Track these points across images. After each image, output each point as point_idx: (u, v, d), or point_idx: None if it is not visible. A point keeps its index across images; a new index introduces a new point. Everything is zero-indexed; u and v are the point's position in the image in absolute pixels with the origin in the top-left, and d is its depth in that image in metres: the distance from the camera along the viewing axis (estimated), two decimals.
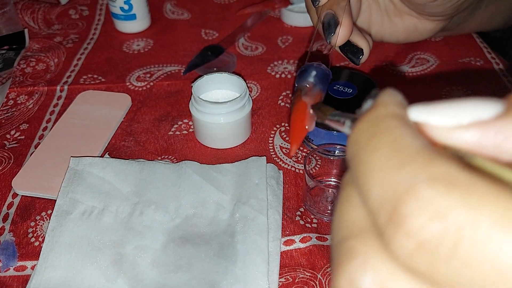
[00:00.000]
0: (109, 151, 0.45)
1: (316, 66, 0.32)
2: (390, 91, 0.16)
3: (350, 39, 0.37)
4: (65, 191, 0.39)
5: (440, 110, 0.15)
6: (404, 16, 0.43)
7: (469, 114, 0.14)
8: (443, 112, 0.15)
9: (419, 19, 0.43)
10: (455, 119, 0.15)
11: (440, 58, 0.56)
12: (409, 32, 0.45)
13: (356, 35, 0.37)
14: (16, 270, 0.36)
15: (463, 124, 0.14)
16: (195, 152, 0.45)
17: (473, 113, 0.14)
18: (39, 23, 0.65)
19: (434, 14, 0.42)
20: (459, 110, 0.15)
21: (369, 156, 0.14)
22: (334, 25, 0.35)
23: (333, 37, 0.35)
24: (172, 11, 0.68)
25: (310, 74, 0.32)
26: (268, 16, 0.65)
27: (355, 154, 0.15)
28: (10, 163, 0.44)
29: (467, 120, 0.14)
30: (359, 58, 0.37)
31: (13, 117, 0.50)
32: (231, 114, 0.43)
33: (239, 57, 0.58)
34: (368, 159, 0.14)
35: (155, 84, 0.54)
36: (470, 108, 0.15)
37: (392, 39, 0.46)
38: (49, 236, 0.36)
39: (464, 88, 0.52)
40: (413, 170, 0.13)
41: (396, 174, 0.13)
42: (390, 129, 0.14)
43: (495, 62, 0.56)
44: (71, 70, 0.56)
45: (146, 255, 0.35)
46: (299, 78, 0.32)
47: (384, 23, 0.44)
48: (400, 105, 0.16)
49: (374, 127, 0.15)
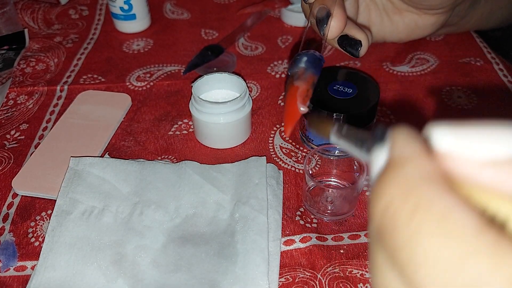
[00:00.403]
0: (109, 151, 0.45)
1: (305, 53, 0.33)
2: (402, 132, 0.14)
3: (347, 33, 0.37)
4: (65, 191, 0.39)
5: (470, 137, 0.13)
6: (403, 13, 0.43)
7: (505, 145, 0.12)
8: (474, 140, 0.13)
9: (419, 15, 0.43)
10: (489, 151, 0.12)
11: (440, 58, 0.56)
12: (410, 29, 0.45)
13: (352, 28, 0.37)
14: (16, 270, 0.36)
15: (499, 159, 0.12)
16: (195, 152, 0.45)
17: (510, 144, 0.12)
18: (39, 23, 0.65)
19: (432, 7, 0.42)
20: (493, 138, 0.13)
21: (417, 240, 0.12)
22: (326, 17, 0.35)
23: (326, 28, 0.35)
24: (172, 11, 0.68)
25: (301, 60, 0.32)
26: (268, 16, 0.65)
27: (393, 229, 0.13)
28: (10, 163, 0.44)
29: (503, 154, 0.12)
30: (358, 50, 0.37)
31: (13, 117, 0.50)
32: (231, 114, 0.43)
33: (239, 57, 0.58)
34: (417, 244, 0.12)
35: (155, 84, 0.54)
36: (507, 137, 0.12)
37: (393, 38, 0.46)
38: (49, 236, 0.36)
39: (464, 88, 0.52)
40: (479, 268, 0.11)
41: (459, 274, 0.12)
42: (432, 201, 0.12)
43: (495, 62, 0.56)
44: (71, 70, 0.56)
45: (146, 255, 0.35)
46: (290, 66, 0.33)
47: (384, 22, 0.44)
48: (422, 150, 0.14)
49: (411, 196, 0.13)
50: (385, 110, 0.49)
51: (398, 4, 0.43)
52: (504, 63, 0.56)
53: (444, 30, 0.55)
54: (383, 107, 0.50)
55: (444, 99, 0.51)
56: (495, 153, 0.12)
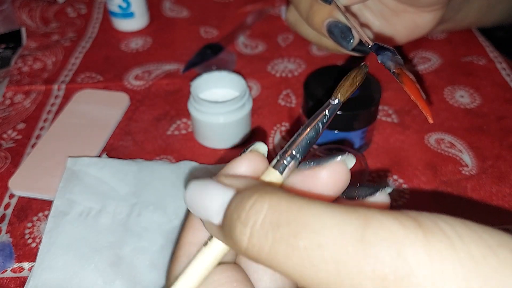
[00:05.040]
0: (107, 151, 0.45)
1: (386, 48, 0.31)
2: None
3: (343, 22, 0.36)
4: (62, 191, 0.39)
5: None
6: (400, 14, 0.43)
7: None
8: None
9: (417, 14, 0.43)
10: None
11: (443, 57, 0.56)
12: (409, 29, 0.44)
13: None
14: (13, 271, 0.35)
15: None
16: (194, 152, 0.45)
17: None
18: (36, 21, 0.65)
19: (429, 3, 0.41)
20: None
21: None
22: (348, 30, 0.35)
23: (354, 42, 0.35)
24: (171, 9, 0.68)
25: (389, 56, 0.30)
26: (268, 14, 0.65)
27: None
28: (7, 163, 0.44)
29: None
30: (350, 42, 0.36)
31: (10, 117, 0.49)
32: (230, 114, 0.43)
33: (239, 55, 0.57)
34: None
35: (154, 83, 0.53)
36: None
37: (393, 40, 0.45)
38: (46, 237, 0.36)
39: (467, 87, 0.52)
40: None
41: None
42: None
43: (498, 61, 0.55)
44: (68, 69, 0.56)
45: (144, 256, 0.35)
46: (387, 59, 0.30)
47: (382, 26, 0.44)
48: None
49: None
50: (387, 110, 0.49)
51: (394, 6, 0.42)
52: (507, 62, 0.55)
53: (442, 26, 0.55)
54: (385, 106, 0.49)
55: (446, 98, 0.50)
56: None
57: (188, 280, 0.20)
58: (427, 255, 0.15)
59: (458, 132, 0.46)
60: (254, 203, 0.18)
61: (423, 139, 0.45)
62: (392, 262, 0.15)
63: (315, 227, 0.16)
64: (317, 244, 0.16)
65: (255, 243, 0.17)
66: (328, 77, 0.43)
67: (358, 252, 0.15)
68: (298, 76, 0.54)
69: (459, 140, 0.45)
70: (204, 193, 0.20)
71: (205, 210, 0.19)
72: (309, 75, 0.43)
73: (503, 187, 0.40)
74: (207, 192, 0.19)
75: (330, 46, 0.40)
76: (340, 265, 0.16)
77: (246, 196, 0.18)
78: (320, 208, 0.17)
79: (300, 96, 0.51)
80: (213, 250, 0.20)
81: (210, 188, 0.19)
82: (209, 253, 0.20)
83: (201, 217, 0.20)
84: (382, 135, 0.46)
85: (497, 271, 0.14)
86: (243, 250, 0.18)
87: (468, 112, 0.49)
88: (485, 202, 0.39)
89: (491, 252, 0.15)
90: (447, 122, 0.47)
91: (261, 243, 0.17)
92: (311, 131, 0.22)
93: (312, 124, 0.22)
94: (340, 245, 0.16)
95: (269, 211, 0.17)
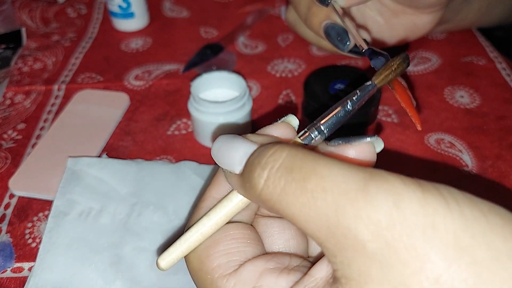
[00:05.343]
0: (107, 151, 0.45)
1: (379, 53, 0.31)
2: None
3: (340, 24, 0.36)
4: (62, 191, 0.39)
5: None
6: (399, 15, 0.43)
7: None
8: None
9: (416, 15, 0.43)
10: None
11: (443, 57, 0.56)
12: (409, 30, 0.44)
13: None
14: (13, 271, 0.35)
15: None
16: (194, 152, 0.45)
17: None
18: (37, 21, 0.65)
19: (428, 4, 0.41)
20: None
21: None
22: (344, 33, 0.35)
23: (350, 44, 0.35)
24: (171, 9, 0.68)
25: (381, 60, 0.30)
26: (268, 14, 0.65)
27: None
28: (7, 163, 0.44)
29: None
30: (346, 44, 0.36)
31: (10, 117, 0.49)
32: (230, 114, 0.43)
33: (238, 55, 0.57)
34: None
35: (154, 83, 0.53)
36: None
37: (393, 41, 0.45)
38: (46, 237, 0.36)
39: (467, 88, 0.52)
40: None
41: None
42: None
43: (498, 61, 0.55)
44: (68, 69, 0.56)
45: (145, 257, 0.35)
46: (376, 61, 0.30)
47: (381, 27, 0.44)
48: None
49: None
50: (387, 110, 0.49)
51: (394, 6, 0.42)
52: (507, 62, 0.55)
53: (441, 27, 0.55)
54: (384, 106, 0.49)
55: (446, 98, 0.50)
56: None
57: (204, 225, 0.22)
58: (421, 207, 0.16)
59: (458, 132, 0.46)
60: (274, 152, 0.19)
61: (423, 139, 0.45)
62: (387, 210, 0.16)
63: (323, 173, 0.18)
64: (322, 187, 0.17)
65: (270, 184, 0.19)
66: (328, 77, 0.43)
67: (357, 198, 0.17)
68: (298, 76, 0.54)
69: (459, 140, 0.45)
70: (230, 145, 0.21)
71: (229, 159, 0.21)
72: (309, 75, 0.43)
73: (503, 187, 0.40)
74: (233, 144, 0.21)
75: (328, 47, 0.40)
76: (339, 208, 0.17)
77: (268, 146, 0.20)
78: (331, 160, 0.18)
79: (300, 96, 0.51)
80: (231, 201, 0.22)
81: (236, 141, 0.21)
82: (226, 203, 0.22)
83: (224, 167, 0.21)
84: (382, 135, 0.46)
85: (485, 231, 0.15)
86: (258, 192, 0.19)
87: (468, 112, 0.49)
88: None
89: (482, 215, 0.16)
90: (447, 122, 0.47)
91: (275, 185, 0.19)
92: (341, 109, 0.22)
93: (343, 103, 0.23)
94: (343, 190, 0.17)
95: (286, 158, 0.19)
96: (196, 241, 0.22)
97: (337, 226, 0.17)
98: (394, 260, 0.16)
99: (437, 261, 0.15)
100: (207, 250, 0.22)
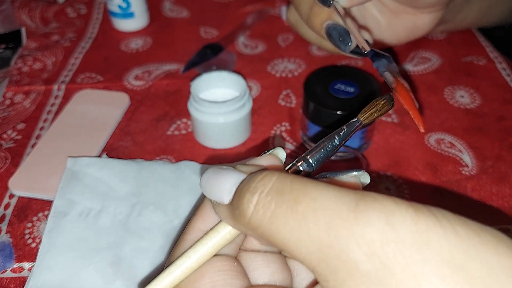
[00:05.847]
0: (107, 151, 0.45)
1: (382, 55, 0.31)
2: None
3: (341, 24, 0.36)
4: (62, 191, 0.39)
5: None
6: (400, 15, 0.43)
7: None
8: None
9: (416, 15, 0.43)
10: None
11: (443, 57, 0.56)
12: (409, 30, 0.44)
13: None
14: (13, 271, 0.35)
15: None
16: (194, 152, 0.45)
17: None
18: (36, 21, 0.65)
19: (429, 4, 0.41)
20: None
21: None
22: (346, 34, 0.35)
23: (352, 45, 0.35)
24: (171, 9, 0.68)
25: (384, 63, 0.31)
26: (268, 14, 0.65)
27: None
28: (7, 163, 0.44)
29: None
30: (348, 44, 0.36)
31: (10, 117, 0.49)
32: (230, 114, 0.43)
33: (239, 55, 0.57)
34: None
35: (154, 83, 0.53)
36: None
37: (393, 41, 0.45)
38: (46, 237, 0.36)
39: (467, 88, 0.52)
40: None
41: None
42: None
43: (498, 61, 0.55)
44: (68, 69, 0.56)
45: (144, 256, 0.35)
46: (379, 64, 0.31)
47: (382, 27, 0.44)
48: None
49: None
50: None
51: (394, 6, 0.42)
52: (507, 62, 0.55)
53: (441, 27, 0.55)
54: None
55: (446, 98, 0.50)
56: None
57: (190, 258, 0.21)
58: (414, 225, 0.16)
59: (458, 132, 0.46)
60: (264, 177, 0.19)
61: (423, 139, 0.45)
62: (380, 228, 0.16)
63: (314, 195, 0.18)
64: (313, 208, 0.17)
65: (259, 209, 0.19)
66: (328, 77, 0.43)
67: (349, 218, 0.17)
68: (298, 76, 0.54)
69: (459, 140, 0.45)
70: (219, 176, 0.21)
71: (219, 189, 0.21)
72: (309, 75, 0.43)
73: (503, 188, 0.40)
74: (222, 175, 0.21)
75: (330, 47, 0.40)
76: (331, 229, 0.17)
77: (257, 173, 0.20)
78: (321, 183, 0.18)
79: (300, 96, 0.51)
80: (218, 233, 0.21)
81: (225, 172, 0.21)
82: (213, 235, 0.21)
83: (213, 198, 0.21)
84: (382, 135, 0.46)
85: (479, 248, 0.16)
86: (247, 219, 0.19)
87: (468, 112, 0.49)
88: (485, 202, 0.39)
89: (475, 233, 0.16)
90: (447, 122, 0.47)
91: (265, 209, 0.18)
92: (329, 144, 0.23)
93: (330, 137, 0.23)
94: (334, 211, 0.17)
95: (276, 182, 0.19)
96: (182, 275, 0.21)
97: (330, 247, 0.17)
98: (389, 279, 0.15)
99: (433, 279, 0.15)
100: (192, 284, 0.21)
